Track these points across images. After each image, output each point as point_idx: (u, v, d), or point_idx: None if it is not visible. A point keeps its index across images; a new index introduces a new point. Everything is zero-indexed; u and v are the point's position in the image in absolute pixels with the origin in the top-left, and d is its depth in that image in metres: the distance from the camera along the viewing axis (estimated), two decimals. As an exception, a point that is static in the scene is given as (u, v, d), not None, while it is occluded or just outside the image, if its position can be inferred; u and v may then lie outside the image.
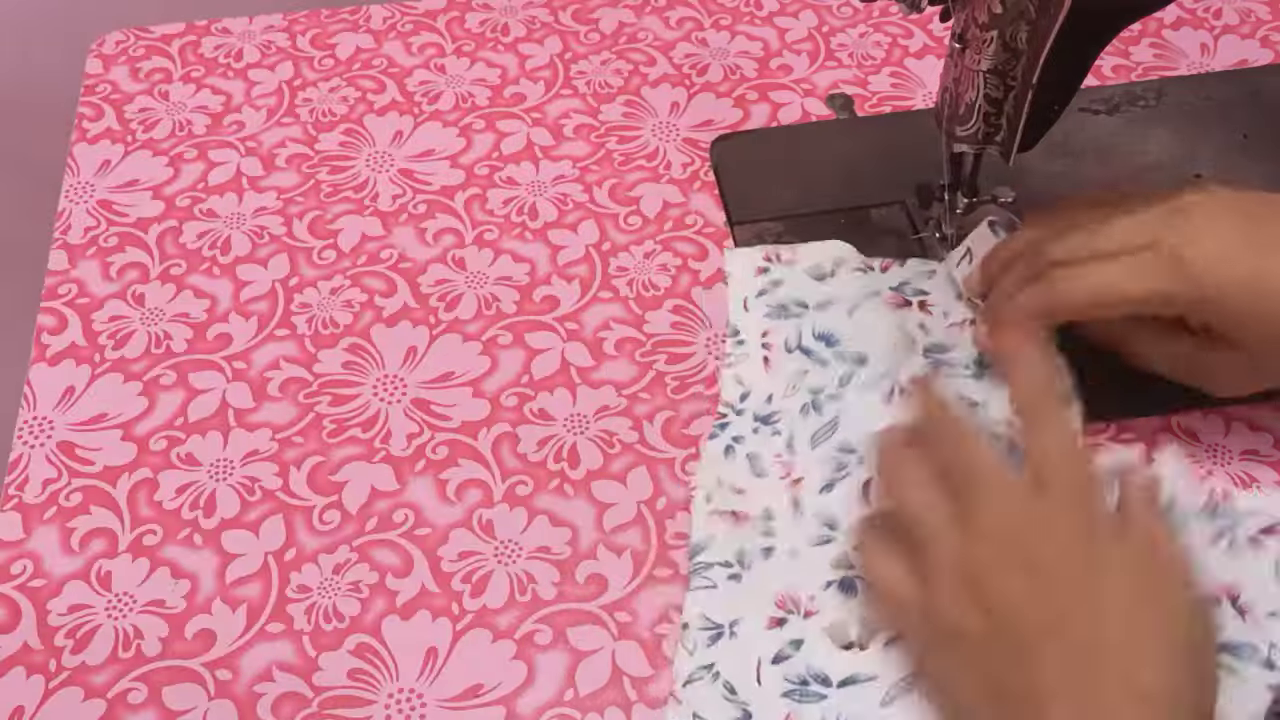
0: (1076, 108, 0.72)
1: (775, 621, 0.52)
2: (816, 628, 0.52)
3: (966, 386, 0.58)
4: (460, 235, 0.68)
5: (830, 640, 0.51)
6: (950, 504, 0.45)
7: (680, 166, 0.71)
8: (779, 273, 0.64)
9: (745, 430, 0.58)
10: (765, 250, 0.65)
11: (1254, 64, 0.77)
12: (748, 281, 0.64)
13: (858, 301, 0.62)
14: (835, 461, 0.56)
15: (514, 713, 0.51)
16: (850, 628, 0.51)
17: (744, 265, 0.65)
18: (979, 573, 0.43)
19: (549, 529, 0.57)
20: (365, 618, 0.54)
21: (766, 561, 0.54)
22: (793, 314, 0.62)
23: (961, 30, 0.57)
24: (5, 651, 0.53)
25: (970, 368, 0.59)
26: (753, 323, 0.63)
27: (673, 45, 0.79)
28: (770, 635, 0.52)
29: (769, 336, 0.62)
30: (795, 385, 0.60)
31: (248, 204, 0.70)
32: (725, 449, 0.58)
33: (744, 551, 0.54)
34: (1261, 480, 0.57)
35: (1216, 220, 0.53)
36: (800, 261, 0.64)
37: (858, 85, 0.76)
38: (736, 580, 0.53)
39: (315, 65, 0.78)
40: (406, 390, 0.62)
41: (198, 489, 0.58)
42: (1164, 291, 0.52)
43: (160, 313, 0.65)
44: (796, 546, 0.54)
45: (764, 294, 0.63)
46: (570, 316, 0.64)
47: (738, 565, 0.54)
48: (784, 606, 0.52)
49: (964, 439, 0.47)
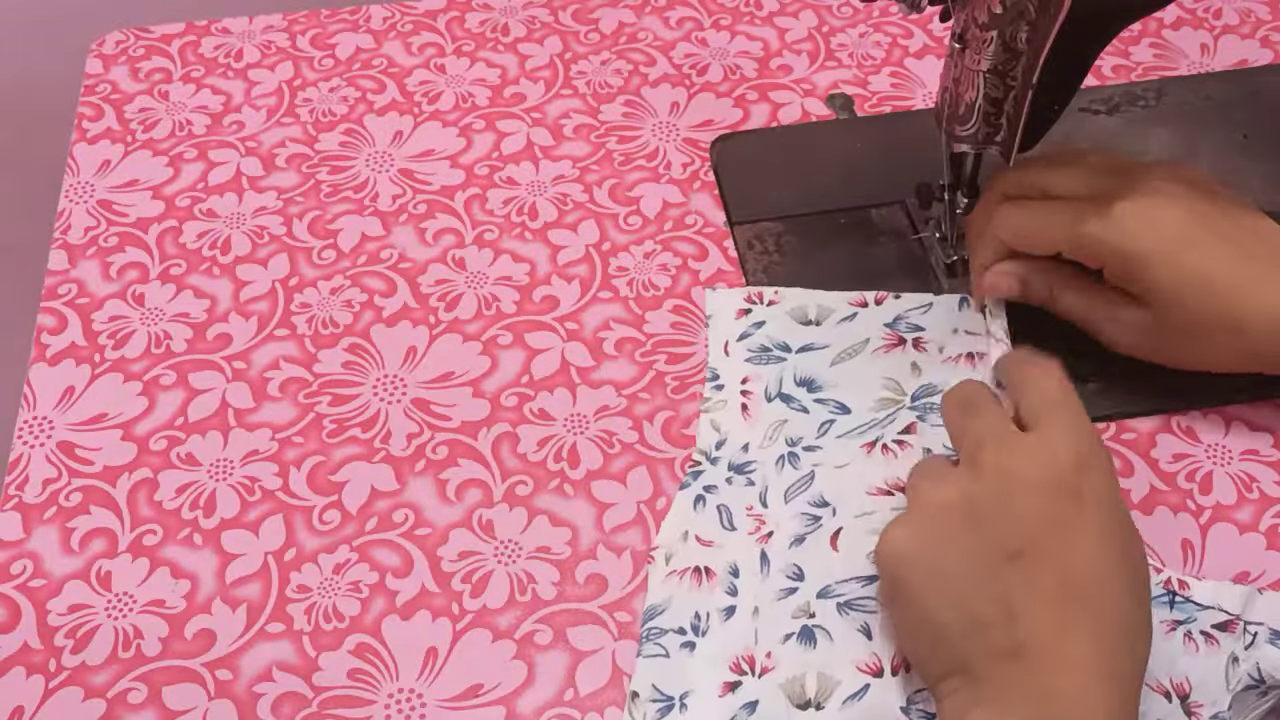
0: (1076, 108, 0.72)
1: (728, 687, 0.50)
2: (772, 685, 0.49)
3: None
4: (460, 235, 0.68)
5: (786, 699, 0.49)
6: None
7: (680, 166, 0.71)
8: (761, 313, 0.63)
9: (719, 480, 0.57)
10: (748, 292, 0.64)
11: (1254, 64, 0.77)
12: (729, 324, 0.63)
13: (844, 350, 0.61)
14: (807, 516, 0.54)
15: (514, 713, 0.51)
16: (808, 683, 0.49)
17: (725, 307, 0.63)
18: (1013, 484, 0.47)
19: (549, 529, 0.57)
20: (365, 618, 0.54)
21: (725, 624, 0.52)
22: (774, 358, 0.61)
23: (961, 30, 0.57)
24: (5, 651, 0.53)
25: None
26: (733, 368, 0.61)
27: (673, 45, 0.79)
28: (723, 702, 0.49)
29: (749, 384, 0.60)
30: (773, 435, 0.58)
31: (248, 204, 0.70)
32: (695, 499, 0.56)
33: (701, 615, 0.52)
34: (1261, 480, 0.57)
35: (1164, 195, 0.55)
36: (784, 304, 0.63)
37: (858, 85, 0.76)
38: (689, 649, 0.51)
39: (315, 65, 0.78)
40: (406, 390, 0.62)
41: (198, 489, 0.58)
42: (1094, 237, 0.55)
43: (160, 313, 0.65)
44: (760, 603, 0.52)
45: (745, 337, 0.62)
46: (570, 316, 0.65)
47: (692, 633, 0.52)
48: (738, 669, 0.50)
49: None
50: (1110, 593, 0.44)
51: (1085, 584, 0.44)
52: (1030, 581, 0.44)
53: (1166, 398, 0.59)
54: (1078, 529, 0.45)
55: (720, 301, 0.64)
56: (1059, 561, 0.44)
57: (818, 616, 0.51)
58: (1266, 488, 0.57)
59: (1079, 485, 0.46)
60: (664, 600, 0.53)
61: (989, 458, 0.47)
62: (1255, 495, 0.57)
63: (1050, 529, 0.45)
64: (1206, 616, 0.50)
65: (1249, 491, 0.57)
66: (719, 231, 0.68)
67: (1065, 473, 0.46)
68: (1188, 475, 0.57)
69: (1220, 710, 0.48)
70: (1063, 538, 0.45)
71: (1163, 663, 0.49)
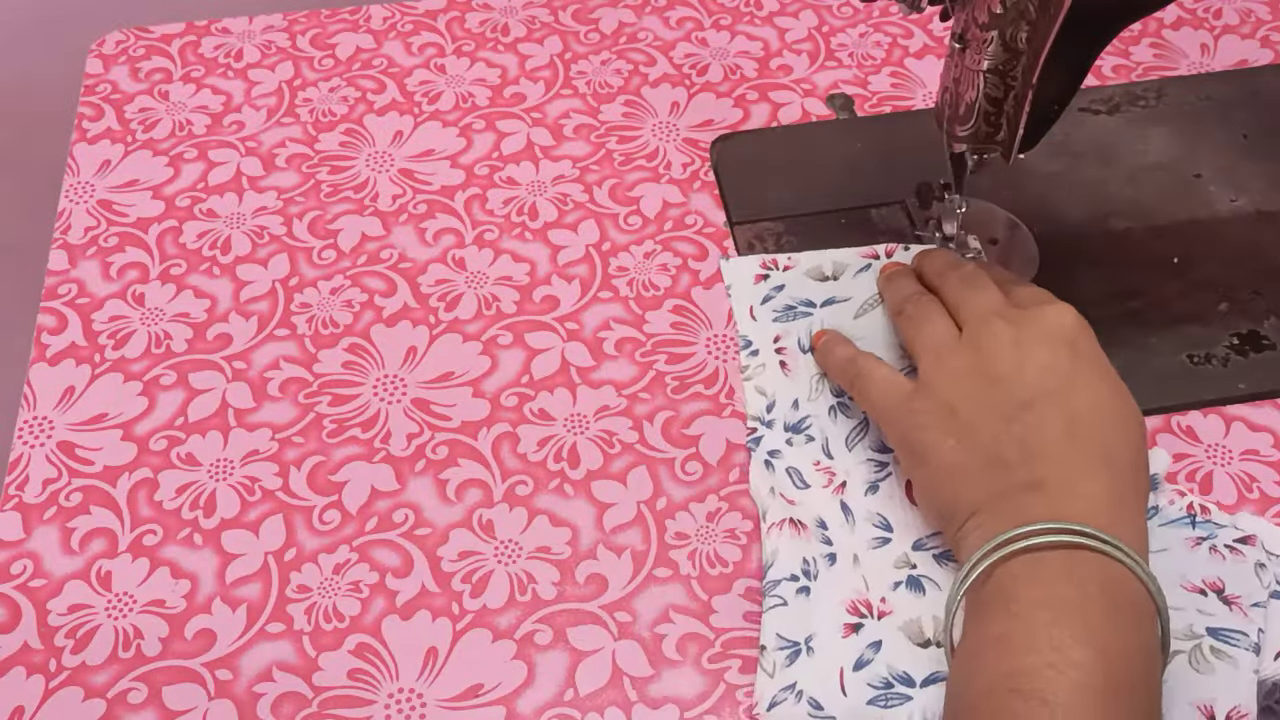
0: (1076, 108, 0.72)
1: (850, 628, 0.52)
2: (892, 627, 0.51)
3: None
4: (460, 235, 0.68)
5: (907, 639, 0.51)
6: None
7: (680, 166, 0.71)
8: (778, 278, 0.64)
9: (779, 444, 0.58)
10: (762, 259, 0.65)
11: (1254, 64, 0.77)
12: (749, 290, 0.64)
13: (864, 302, 0.62)
14: (874, 462, 0.57)
15: (514, 713, 0.51)
16: (925, 625, 0.51)
17: (742, 274, 0.65)
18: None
19: (549, 529, 0.57)
20: (365, 618, 0.54)
21: (832, 569, 0.54)
22: (800, 313, 0.62)
23: (961, 30, 0.57)
24: (5, 651, 0.53)
25: None
26: (763, 330, 0.62)
27: (673, 45, 0.79)
28: (848, 643, 0.51)
29: (781, 341, 0.61)
30: (818, 386, 0.59)
31: (248, 204, 0.70)
32: (764, 464, 0.58)
33: (809, 560, 0.54)
34: (1261, 480, 0.57)
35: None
36: (799, 267, 0.64)
37: (858, 85, 0.76)
38: (805, 594, 0.53)
39: (315, 65, 0.78)
40: (406, 390, 0.62)
41: (198, 489, 0.58)
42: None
43: (160, 313, 0.65)
44: (857, 551, 0.54)
45: (769, 300, 0.63)
46: (570, 316, 0.65)
47: (804, 577, 0.53)
48: (856, 612, 0.52)
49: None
50: (1111, 430, 0.50)
51: (1090, 424, 0.50)
52: (1042, 425, 0.50)
53: (1167, 398, 0.60)
54: (1078, 378, 0.51)
55: (737, 269, 0.65)
56: (1065, 407, 0.50)
57: (919, 568, 0.53)
58: (1266, 488, 0.57)
59: (1075, 342, 0.52)
60: (772, 553, 0.54)
61: (999, 325, 0.53)
62: (1255, 495, 0.57)
63: (1055, 379, 0.51)
64: (1226, 533, 0.52)
65: (1249, 491, 0.57)
66: (719, 231, 0.68)
67: (1063, 332, 0.52)
68: (1188, 475, 0.57)
69: (1259, 600, 0.50)
70: (1067, 386, 0.51)
71: (1193, 567, 0.51)
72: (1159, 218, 0.68)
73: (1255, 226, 0.67)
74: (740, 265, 0.65)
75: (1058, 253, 0.66)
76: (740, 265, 0.65)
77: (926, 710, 0.49)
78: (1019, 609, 0.45)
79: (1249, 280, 0.65)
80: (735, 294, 0.64)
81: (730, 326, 0.64)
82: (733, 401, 0.61)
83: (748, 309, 0.63)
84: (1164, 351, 0.62)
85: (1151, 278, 0.65)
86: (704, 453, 0.59)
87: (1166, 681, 0.46)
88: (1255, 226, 0.67)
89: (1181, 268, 0.65)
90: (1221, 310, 0.63)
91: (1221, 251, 0.66)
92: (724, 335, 0.63)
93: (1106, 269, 0.65)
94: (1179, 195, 0.69)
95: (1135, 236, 0.67)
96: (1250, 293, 0.64)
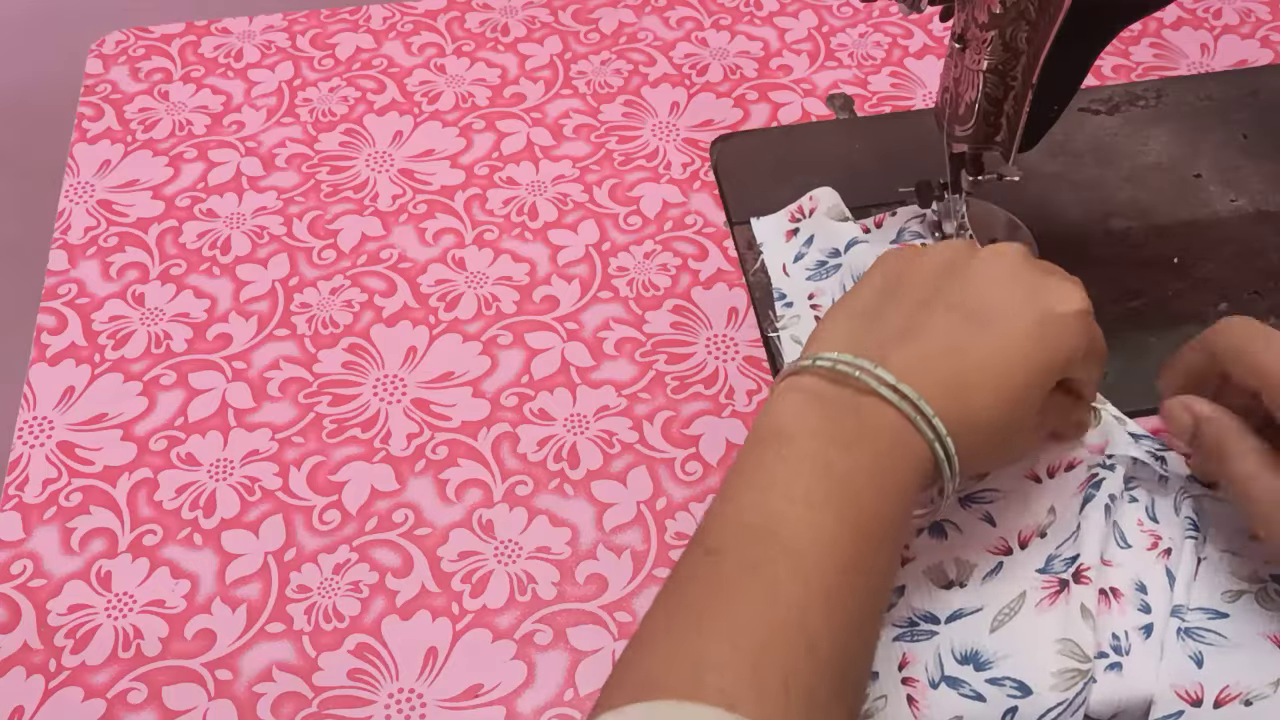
0: (1076, 108, 0.72)
1: None
2: (915, 571, 0.52)
3: None
4: (460, 235, 0.68)
5: (930, 583, 0.52)
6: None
7: (680, 166, 0.71)
8: (808, 226, 0.66)
9: None
10: (789, 211, 0.67)
11: (1254, 64, 0.77)
12: (781, 248, 0.66)
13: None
14: None
15: (514, 713, 0.51)
16: (948, 568, 0.52)
17: (774, 231, 0.67)
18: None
19: (549, 529, 0.57)
20: (365, 618, 0.54)
21: None
22: (831, 268, 0.64)
23: (961, 30, 0.57)
24: (5, 651, 0.53)
25: None
26: (797, 286, 0.64)
27: (673, 45, 0.79)
28: None
29: (815, 299, 0.63)
30: None
31: (248, 204, 0.70)
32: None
33: None
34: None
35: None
36: (821, 205, 0.66)
37: (858, 85, 0.76)
38: None
39: (315, 65, 0.78)
40: (406, 390, 0.62)
41: (198, 489, 0.58)
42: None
43: (160, 313, 0.65)
44: None
45: (800, 258, 0.65)
46: (570, 316, 0.65)
47: None
48: None
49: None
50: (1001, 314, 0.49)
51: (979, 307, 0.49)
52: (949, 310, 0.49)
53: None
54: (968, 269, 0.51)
55: (768, 228, 0.67)
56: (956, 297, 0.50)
57: (942, 511, 0.53)
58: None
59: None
60: None
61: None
62: (1255, 495, 0.57)
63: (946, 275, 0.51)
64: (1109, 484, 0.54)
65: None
66: (719, 231, 0.68)
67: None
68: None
69: (1173, 535, 0.53)
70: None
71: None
72: (1159, 218, 0.68)
73: (1255, 226, 0.67)
74: (770, 223, 0.67)
75: (1058, 253, 0.66)
76: (770, 223, 0.67)
77: (954, 643, 0.50)
78: (789, 454, 0.45)
79: (1249, 280, 0.65)
80: (767, 251, 0.66)
81: (730, 326, 0.64)
82: (732, 401, 0.61)
83: (780, 266, 0.65)
84: (1164, 351, 0.61)
85: (1151, 278, 0.65)
86: (704, 453, 0.59)
87: (1234, 617, 0.51)
88: (1255, 226, 0.67)
89: (1181, 268, 0.65)
90: (1221, 310, 0.63)
91: (1221, 251, 0.66)
92: (724, 335, 0.63)
93: (1106, 269, 0.65)
94: (1179, 195, 0.69)
95: (1135, 236, 0.67)
96: (1250, 293, 0.64)
